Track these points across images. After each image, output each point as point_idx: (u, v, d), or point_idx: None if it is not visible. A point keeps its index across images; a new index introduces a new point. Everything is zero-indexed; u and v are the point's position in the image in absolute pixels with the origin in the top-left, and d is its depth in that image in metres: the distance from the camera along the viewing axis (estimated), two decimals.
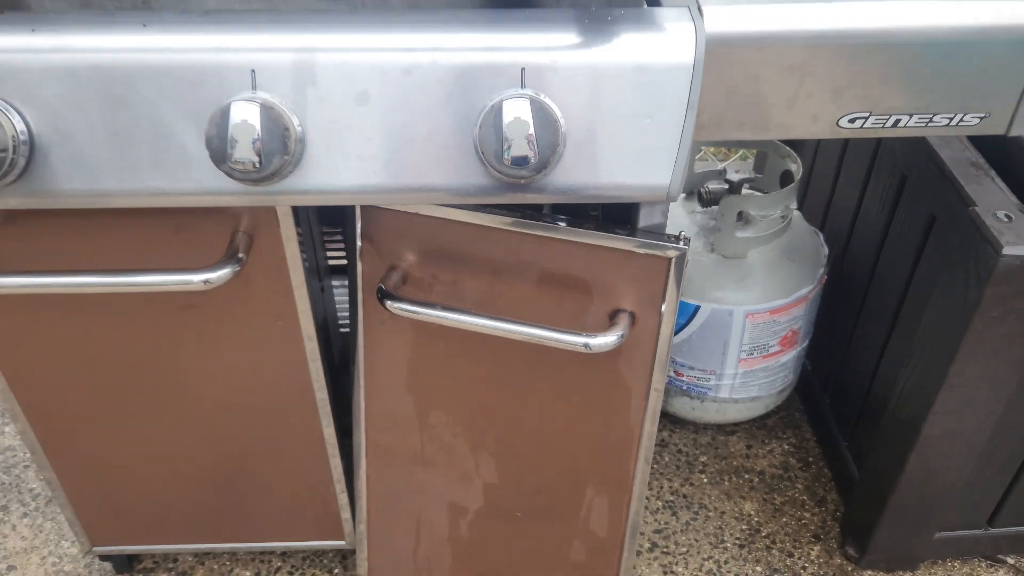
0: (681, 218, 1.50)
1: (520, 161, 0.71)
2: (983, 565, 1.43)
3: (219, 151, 0.71)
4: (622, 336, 0.95)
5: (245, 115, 0.70)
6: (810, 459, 1.60)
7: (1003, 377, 1.14)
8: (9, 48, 0.73)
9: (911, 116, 0.83)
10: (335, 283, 1.22)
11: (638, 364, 1.04)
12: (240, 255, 0.89)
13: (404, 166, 0.77)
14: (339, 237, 1.23)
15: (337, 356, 1.19)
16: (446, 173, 0.78)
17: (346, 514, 1.26)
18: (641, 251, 0.93)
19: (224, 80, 0.74)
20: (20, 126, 0.73)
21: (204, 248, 0.92)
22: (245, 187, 0.76)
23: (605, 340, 0.95)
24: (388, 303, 0.97)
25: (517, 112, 0.70)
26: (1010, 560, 1.43)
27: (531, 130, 0.71)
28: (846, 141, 1.48)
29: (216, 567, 1.42)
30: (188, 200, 0.78)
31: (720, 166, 1.56)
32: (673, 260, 0.93)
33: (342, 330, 1.23)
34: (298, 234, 0.92)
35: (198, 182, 0.77)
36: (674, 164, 0.77)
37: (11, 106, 0.73)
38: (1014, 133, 0.85)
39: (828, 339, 1.54)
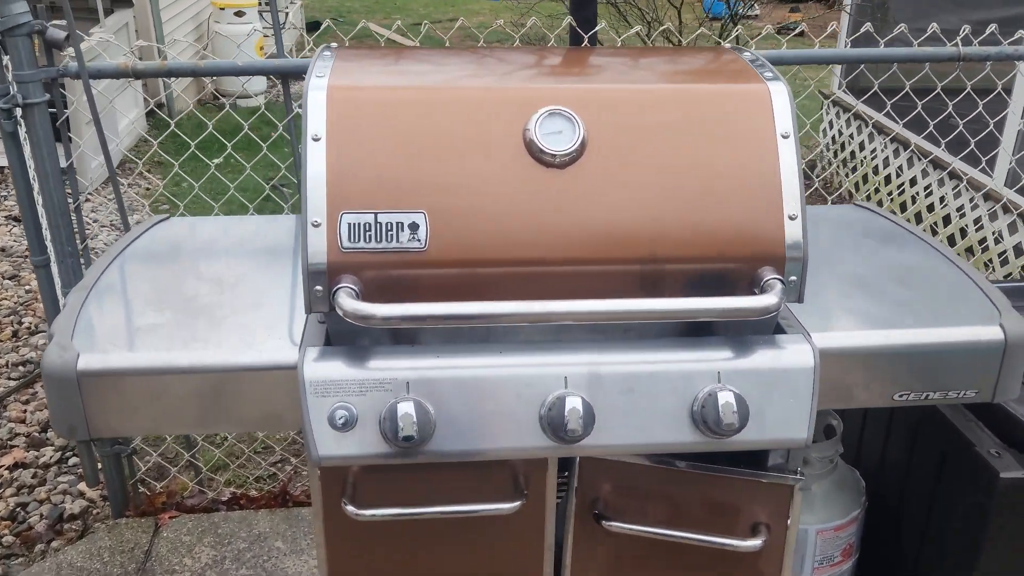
0: None
1: (729, 428, 1.24)
2: None
3: (557, 423, 1.22)
4: (765, 541, 1.43)
5: (574, 403, 1.22)
6: None
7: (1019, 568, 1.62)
8: (425, 367, 1.26)
9: (935, 392, 1.38)
10: None
11: (774, 563, 1.50)
12: (525, 491, 1.38)
13: (645, 430, 1.28)
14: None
15: None
16: (666, 434, 1.29)
17: None
18: (775, 481, 1.43)
19: (546, 382, 1.27)
20: (432, 414, 1.23)
21: (492, 486, 1.40)
22: (560, 446, 1.26)
23: (755, 543, 1.42)
24: (604, 522, 1.44)
25: (727, 398, 1.24)
26: None
27: (735, 408, 1.24)
28: None
29: None
30: (517, 454, 1.28)
31: None
32: (796, 486, 1.44)
33: None
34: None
35: (525, 443, 1.27)
36: (808, 425, 1.30)
37: (426, 401, 1.24)
38: (997, 400, 1.41)
39: (872, 552, 2.00)
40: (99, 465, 2.41)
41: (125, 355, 1.26)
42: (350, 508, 1.34)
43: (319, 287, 1.24)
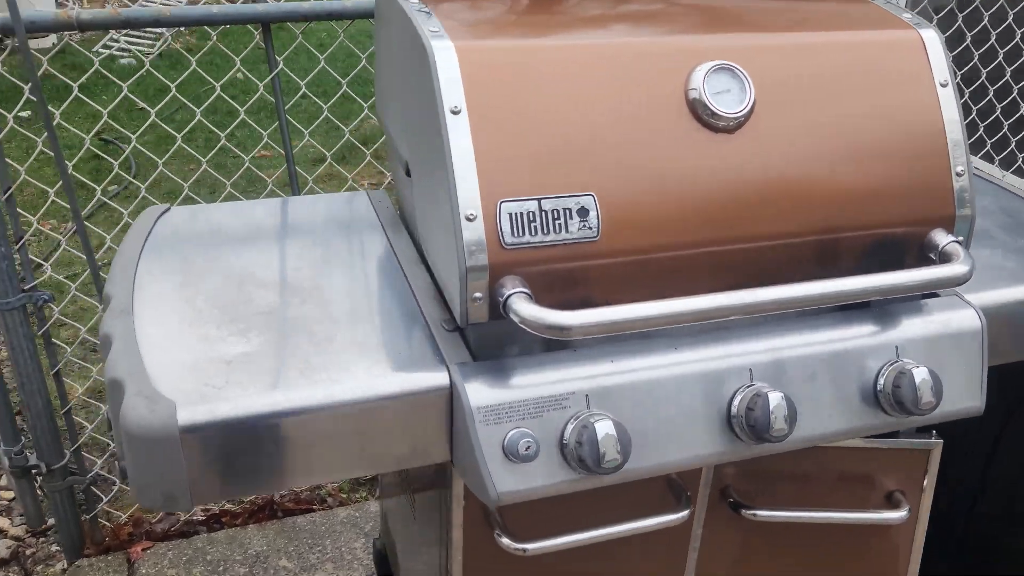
0: None
1: (927, 407, 1.15)
2: None
3: (761, 424, 1.08)
4: (909, 510, 1.37)
5: (777, 400, 1.08)
6: None
7: None
8: (600, 374, 1.07)
9: None
10: None
11: (907, 532, 1.45)
12: (688, 497, 1.23)
13: (833, 418, 1.17)
14: None
15: None
16: (852, 418, 1.18)
17: None
18: (915, 447, 1.37)
19: (731, 377, 1.12)
20: (628, 431, 1.05)
21: (652, 495, 1.25)
22: (755, 446, 1.12)
23: (900, 514, 1.36)
24: (743, 511, 1.33)
25: (923, 375, 1.14)
26: None
27: (931, 384, 1.14)
28: None
29: None
30: (710, 461, 1.13)
31: None
32: (934, 450, 1.38)
33: None
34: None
35: (717, 447, 1.12)
36: (981, 390, 1.23)
37: (615, 416, 1.06)
38: None
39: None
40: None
41: (236, 400, 0.99)
42: (506, 541, 1.16)
43: (479, 294, 1.02)
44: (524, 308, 0.99)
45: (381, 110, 1.43)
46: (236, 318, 1.14)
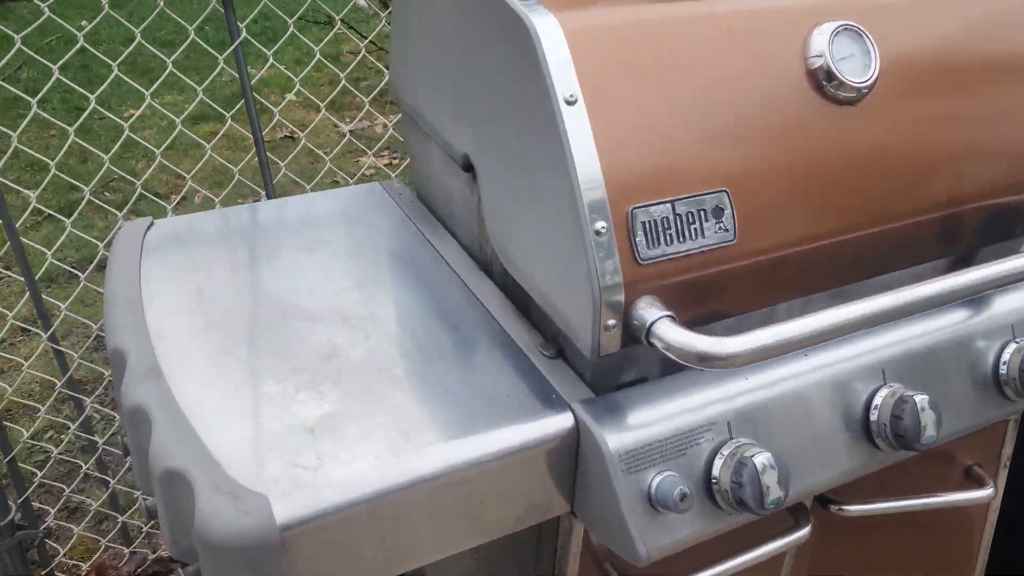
0: None
1: None
2: None
3: (911, 432, 0.97)
4: (993, 485, 1.32)
5: (924, 404, 0.97)
6: None
7: None
8: (735, 394, 0.93)
9: None
10: None
11: (982, 506, 1.40)
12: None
13: (959, 411, 1.08)
14: None
15: None
16: (979, 409, 1.09)
17: None
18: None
19: (865, 380, 1.00)
20: (777, 461, 0.91)
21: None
22: (895, 453, 1.02)
23: (987, 492, 1.30)
24: (832, 507, 1.24)
25: None
26: None
27: None
28: None
29: None
30: (850, 476, 1.01)
31: None
32: (1013, 419, 1.32)
33: None
34: None
35: (852, 464, 1.01)
36: None
37: (760, 447, 0.92)
38: None
39: None
40: None
41: (341, 482, 0.79)
42: None
43: (612, 321, 0.85)
44: (675, 336, 0.83)
45: (404, 87, 1.21)
46: (296, 366, 0.93)
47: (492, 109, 0.95)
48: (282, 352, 0.95)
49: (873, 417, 1.00)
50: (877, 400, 1.00)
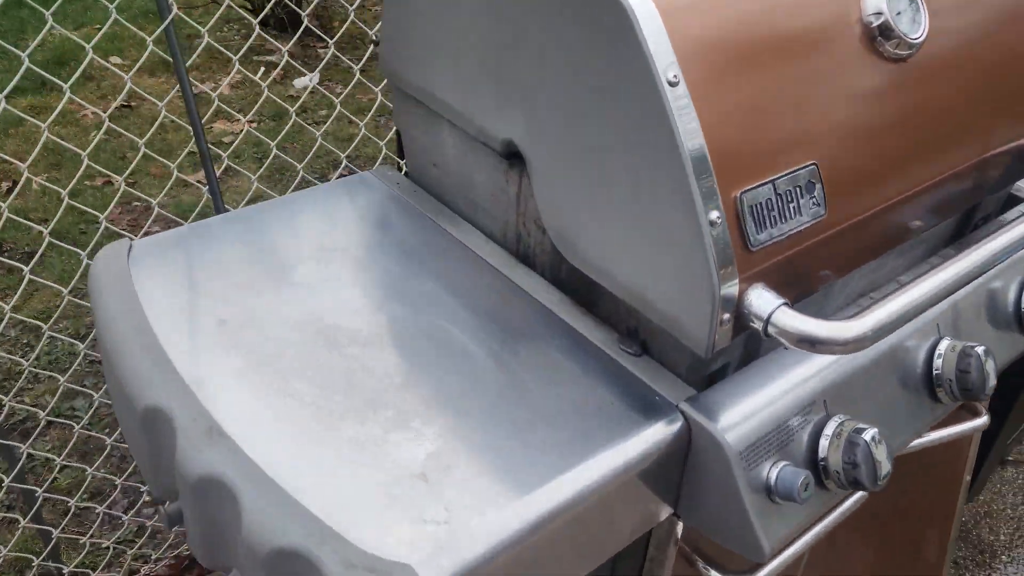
0: None
1: None
2: None
3: (978, 384, 0.99)
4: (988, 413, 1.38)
5: (985, 355, 0.99)
6: None
7: None
8: (820, 369, 0.91)
9: None
10: None
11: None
12: None
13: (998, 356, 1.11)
14: None
15: None
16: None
17: None
18: None
19: (925, 335, 1.01)
20: (883, 434, 0.90)
21: None
22: (950, 406, 1.03)
23: (983, 420, 1.37)
24: None
25: None
26: None
27: None
28: None
29: None
30: (915, 437, 1.02)
31: None
32: None
33: None
34: None
35: (921, 421, 1.02)
36: None
37: (864, 424, 0.90)
38: None
39: None
40: None
41: (481, 533, 0.71)
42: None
43: (727, 315, 0.80)
44: (797, 324, 0.78)
45: (405, 66, 1.08)
46: (370, 399, 0.82)
47: (558, 93, 0.86)
48: (348, 386, 0.84)
49: (936, 372, 1.01)
50: (939, 354, 1.01)
